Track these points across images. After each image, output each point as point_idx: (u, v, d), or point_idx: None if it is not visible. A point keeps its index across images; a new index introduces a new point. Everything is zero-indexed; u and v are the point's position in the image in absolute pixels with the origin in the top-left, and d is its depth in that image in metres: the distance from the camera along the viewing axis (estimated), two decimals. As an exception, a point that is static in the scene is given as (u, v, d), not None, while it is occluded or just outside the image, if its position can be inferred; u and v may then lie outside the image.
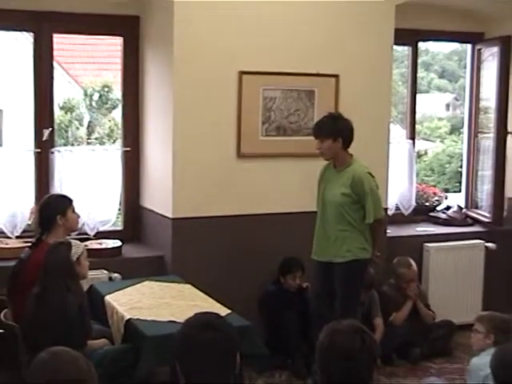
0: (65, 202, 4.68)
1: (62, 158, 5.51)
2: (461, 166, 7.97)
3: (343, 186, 4.86)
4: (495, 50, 6.48)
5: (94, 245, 5.38)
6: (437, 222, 6.70)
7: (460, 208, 6.83)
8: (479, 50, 6.70)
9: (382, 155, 5.84)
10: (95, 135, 13.44)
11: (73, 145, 12.65)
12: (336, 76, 5.60)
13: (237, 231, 5.42)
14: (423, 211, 6.82)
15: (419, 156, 14.20)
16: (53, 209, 4.61)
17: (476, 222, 6.71)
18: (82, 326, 4.05)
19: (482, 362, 3.93)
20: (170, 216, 5.30)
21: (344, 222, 4.87)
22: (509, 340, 3.96)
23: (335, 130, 4.84)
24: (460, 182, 7.68)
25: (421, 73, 16.11)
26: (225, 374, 2.50)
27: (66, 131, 13.38)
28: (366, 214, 4.82)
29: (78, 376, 2.39)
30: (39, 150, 5.49)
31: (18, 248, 5.03)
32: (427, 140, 18.38)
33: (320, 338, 2.61)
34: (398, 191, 6.48)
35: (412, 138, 6.63)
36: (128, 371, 4.02)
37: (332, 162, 4.97)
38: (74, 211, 4.68)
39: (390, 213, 6.20)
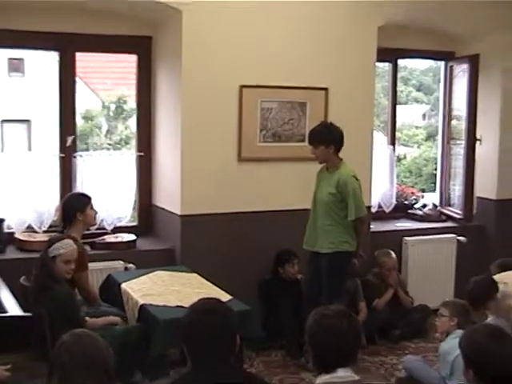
0: (84, 199, 4.68)
1: (83, 161, 5.51)
2: (435, 169, 7.95)
3: (331, 186, 4.86)
4: (465, 66, 6.47)
5: (111, 238, 5.40)
6: (414, 218, 6.69)
7: (435, 206, 6.83)
8: (451, 66, 6.69)
9: (366, 159, 5.84)
10: (112, 141, 13.44)
11: (93, 150, 12.66)
12: (325, 89, 5.60)
13: (238, 226, 5.41)
14: (402, 209, 6.80)
15: (399, 160, 14.15)
16: (73, 206, 4.61)
17: (449, 218, 6.70)
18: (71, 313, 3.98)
19: (449, 347, 3.96)
20: (179, 213, 5.30)
21: (330, 218, 4.88)
22: (469, 321, 4.04)
23: (328, 139, 4.84)
24: (435, 183, 7.66)
25: (400, 86, 16.09)
26: (226, 354, 2.49)
27: (87, 138, 13.39)
28: (348, 212, 4.82)
29: (99, 355, 2.39)
30: (63, 155, 5.48)
31: (45, 241, 5.01)
32: (406, 146, 18.32)
33: (309, 321, 2.61)
34: (380, 191, 6.48)
35: (392, 143, 6.62)
36: (140, 350, 4.01)
37: (325, 164, 4.98)
38: (92, 208, 4.68)
39: (373, 210, 6.20)
